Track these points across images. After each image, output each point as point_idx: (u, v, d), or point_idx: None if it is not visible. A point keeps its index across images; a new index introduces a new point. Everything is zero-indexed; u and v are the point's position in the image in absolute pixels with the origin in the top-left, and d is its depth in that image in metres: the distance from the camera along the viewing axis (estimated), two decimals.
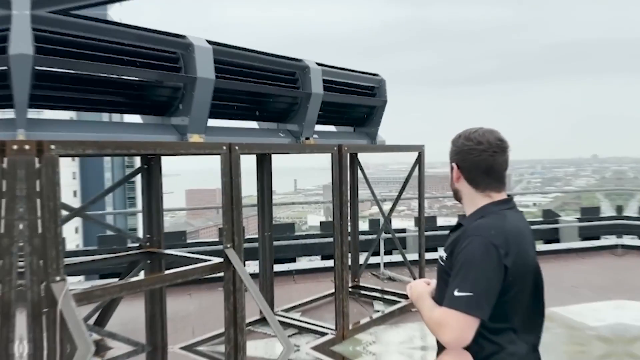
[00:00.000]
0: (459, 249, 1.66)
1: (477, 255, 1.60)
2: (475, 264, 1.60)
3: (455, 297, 1.59)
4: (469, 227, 1.71)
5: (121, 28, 3.26)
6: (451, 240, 1.76)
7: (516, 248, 1.65)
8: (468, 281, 1.58)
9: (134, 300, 5.08)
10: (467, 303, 1.57)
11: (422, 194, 5.70)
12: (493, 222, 1.68)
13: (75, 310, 2.59)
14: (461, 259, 1.63)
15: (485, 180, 1.76)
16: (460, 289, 1.59)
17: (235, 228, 3.52)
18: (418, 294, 1.84)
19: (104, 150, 2.87)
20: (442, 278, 1.75)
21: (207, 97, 3.59)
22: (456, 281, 1.61)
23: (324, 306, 5.67)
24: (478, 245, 1.62)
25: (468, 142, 1.76)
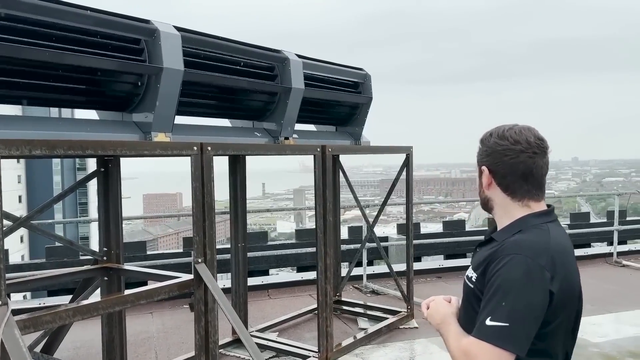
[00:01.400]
0: (494, 269, 1.47)
1: (516, 277, 1.42)
2: (514, 288, 1.41)
3: (487, 326, 1.41)
4: (505, 242, 1.53)
5: (74, 9, 3.01)
6: (482, 258, 1.57)
7: (563, 270, 1.48)
8: (504, 309, 1.40)
9: (88, 320, 4.79)
10: (500, 335, 1.39)
11: (411, 199, 5.58)
12: (536, 239, 1.50)
13: (19, 340, 2.34)
14: (496, 281, 1.45)
15: (522, 187, 1.58)
16: (493, 318, 1.40)
17: (207, 240, 3.29)
18: (442, 317, 1.66)
19: (55, 151, 2.62)
20: (470, 302, 1.58)
21: (174, 90, 3.37)
22: (489, 307, 1.43)
23: (303, 324, 5.47)
24: (518, 265, 1.43)
25: (502, 141, 1.57)
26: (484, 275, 1.53)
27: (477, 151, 1.67)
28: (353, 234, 9.24)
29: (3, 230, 2.63)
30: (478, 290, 1.54)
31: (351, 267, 6.16)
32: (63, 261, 6.93)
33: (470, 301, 1.59)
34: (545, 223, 1.57)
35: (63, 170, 48.49)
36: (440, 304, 1.71)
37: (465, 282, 1.65)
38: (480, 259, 1.59)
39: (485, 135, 1.65)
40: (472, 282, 1.59)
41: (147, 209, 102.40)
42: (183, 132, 3.70)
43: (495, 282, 1.45)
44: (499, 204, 1.64)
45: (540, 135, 1.59)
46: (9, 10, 2.70)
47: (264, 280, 6.79)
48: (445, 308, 1.68)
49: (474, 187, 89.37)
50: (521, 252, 1.46)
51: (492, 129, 1.65)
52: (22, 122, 3.05)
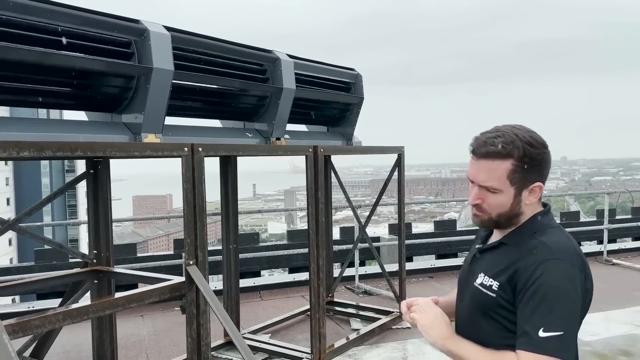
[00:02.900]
0: (532, 277, 1.40)
1: (559, 283, 1.38)
2: (560, 295, 1.37)
3: (542, 338, 1.34)
4: (532, 247, 1.46)
5: (62, 9, 2.97)
6: (503, 265, 1.49)
7: (589, 268, 1.48)
8: (555, 317, 1.35)
9: (78, 323, 4.73)
10: (558, 345, 1.34)
11: (402, 200, 5.58)
12: (561, 240, 1.48)
13: (8, 345, 2.29)
14: (539, 289, 1.38)
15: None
16: (546, 328, 1.34)
17: (198, 242, 3.26)
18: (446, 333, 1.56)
19: (44, 153, 2.57)
20: (491, 312, 1.50)
21: (164, 91, 3.33)
22: (537, 318, 1.37)
23: (295, 326, 5.44)
24: (558, 270, 1.39)
25: (547, 149, 1.50)
26: (510, 282, 1.45)
27: (512, 170, 1.47)
28: (345, 234, 9.23)
29: None
30: (504, 300, 1.47)
31: (343, 268, 6.14)
32: (52, 264, 6.85)
33: (490, 311, 1.51)
34: (552, 221, 1.56)
35: (52, 172, 48.07)
36: (435, 317, 1.60)
37: (477, 291, 1.55)
38: (499, 266, 1.51)
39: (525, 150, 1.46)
40: (492, 290, 1.49)
41: (136, 211, 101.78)
42: (173, 133, 3.66)
43: (539, 290, 1.38)
44: (527, 214, 1.54)
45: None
46: (2, 10, 2.66)
47: (256, 282, 6.75)
48: (443, 323, 1.58)
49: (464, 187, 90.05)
50: (556, 256, 1.42)
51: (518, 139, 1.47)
52: (10, 124, 2.99)
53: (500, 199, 1.50)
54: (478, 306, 1.55)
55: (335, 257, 6.89)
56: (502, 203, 1.51)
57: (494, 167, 1.48)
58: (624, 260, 8.23)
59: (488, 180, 1.50)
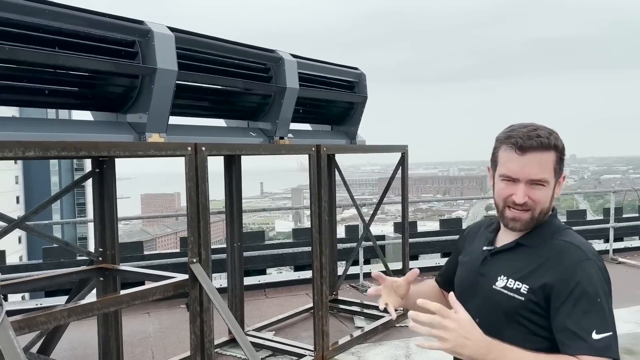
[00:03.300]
0: (572, 280, 1.40)
1: (597, 283, 1.41)
2: (601, 295, 1.40)
3: (597, 340, 1.34)
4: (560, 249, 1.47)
5: (68, 11, 3.02)
6: (532, 267, 1.48)
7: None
8: (604, 318, 1.37)
9: (84, 321, 4.80)
10: (611, 345, 1.35)
11: (406, 198, 5.60)
12: (581, 240, 1.50)
13: (14, 341, 2.34)
14: (586, 292, 1.39)
15: None
16: (598, 330, 1.35)
17: (202, 240, 3.30)
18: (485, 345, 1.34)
19: (49, 152, 2.62)
20: (519, 317, 1.47)
21: (168, 91, 3.37)
22: (588, 320, 1.37)
23: (299, 323, 5.48)
24: (593, 270, 1.42)
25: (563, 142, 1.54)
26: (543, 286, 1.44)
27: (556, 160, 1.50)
28: (350, 232, 9.24)
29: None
30: (533, 303, 1.45)
31: (347, 266, 6.17)
32: (60, 262, 6.92)
33: (517, 315, 1.48)
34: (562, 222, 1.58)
35: (60, 171, 48.41)
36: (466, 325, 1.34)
37: (500, 294, 1.50)
38: (525, 268, 1.49)
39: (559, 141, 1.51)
40: (520, 293, 1.46)
41: (145, 209, 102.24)
42: (178, 133, 3.70)
43: (583, 293, 1.39)
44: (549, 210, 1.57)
45: None
46: (2, 12, 2.71)
47: (261, 280, 6.80)
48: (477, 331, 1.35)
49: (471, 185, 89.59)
50: (589, 256, 1.44)
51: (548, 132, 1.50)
52: (18, 124, 3.05)
53: (546, 192, 1.50)
54: (502, 310, 1.50)
55: (341, 255, 6.92)
56: (547, 197, 1.51)
57: (544, 158, 1.48)
58: (630, 259, 8.20)
59: (540, 173, 1.48)
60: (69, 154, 2.79)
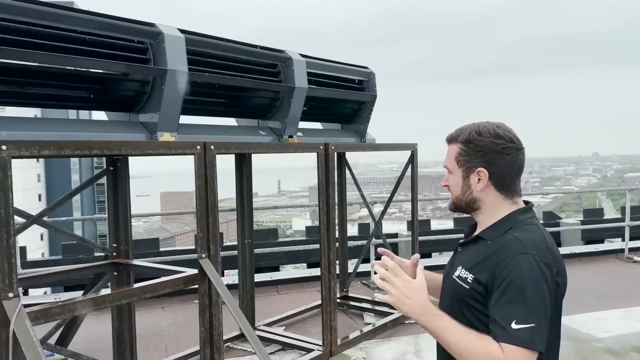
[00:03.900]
0: (503, 271, 1.48)
1: (531, 277, 1.45)
2: (529, 288, 1.44)
3: (515, 330, 1.41)
4: (501, 242, 1.55)
5: (81, 15, 3.15)
6: (478, 259, 1.58)
7: (561, 264, 1.56)
8: (527, 310, 1.43)
9: (101, 314, 4.96)
10: (530, 336, 1.41)
11: (416, 196, 5.65)
12: (533, 236, 1.55)
13: (30, 330, 2.48)
14: (511, 283, 1.46)
15: (515, 184, 1.64)
16: (518, 320, 1.42)
17: (210, 236, 3.42)
18: (423, 308, 1.50)
19: (63, 151, 2.75)
20: (464, 304, 1.58)
21: (178, 91, 3.48)
22: (509, 310, 1.44)
23: (310, 319, 5.58)
24: (529, 265, 1.46)
25: (498, 140, 1.59)
26: (486, 276, 1.52)
27: (459, 152, 1.65)
28: (363, 230, 9.33)
29: (16, 227, 2.78)
30: (476, 292, 1.54)
31: (357, 263, 6.24)
32: (78, 257, 7.14)
33: (462, 303, 1.58)
34: (531, 219, 1.63)
35: (81, 169, 49.20)
36: (411, 287, 1.52)
37: (453, 282, 1.62)
38: (475, 259, 1.59)
39: (469, 135, 1.63)
40: (467, 282, 1.57)
41: (164, 207, 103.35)
42: (189, 132, 3.81)
43: (510, 284, 1.46)
44: (489, 204, 1.64)
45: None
46: (22, 17, 2.84)
47: (273, 276, 6.91)
48: (419, 293, 1.52)
49: None
50: (527, 251, 1.49)
51: (472, 127, 1.64)
52: (35, 124, 3.18)
53: (454, 180, 1.68)
54: (455, 298, 1.62)
55: (353, 252, 7.00)
56: (456, 184, 1.68)
57: (450, 150, 1.69)
58: None
59: (445, 162, 1.71)
60: (82, 153, 2.92)
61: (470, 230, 1.78)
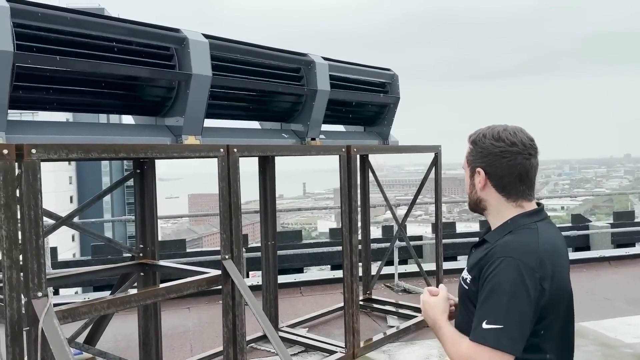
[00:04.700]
0: (486, 272, 1.52)
1: (507, 279, 1.46)
2: (505, 291, 1.46)
3: (483, 329, 1.45)
4: (496, 245, 1.56)
5: (109, 22, 3.23)
6: (476, 260, 1.61)
7: (552, 269, 1.52)
8: (498, 311, 1.45)
9: (128, 314, 5.06)
10: (497, 337, 1.43)
11: (440, 199, 5.60)
12: (525, 240, 1.55)
13: (58, 329, 2.54)
14: (489, 284, 1.49)
15: (518, 187, 1.62)
16: (489, 321, 1.45)
17: (233, 237, 3.45)
18: (433, 321, 1.69)
19: (90, 154, 2.82)
20: (466, 304, 1.63)
21: (203, 95, 3.54)
22: (483, 311, 1.48)
23: (333, 321, 5.58)
24: (509, 268, 1.47)
25: (498, 142, 1.61)
26: (477, 277, 1.57)
27: (468, 151, 1.70)
28: (387, 233, 9.29)
29: (45, 228, 2.86)
30: (472, 293, 1.58)
31: (381, 265, 6.22)
32: (107, 258, 7.29)
33: (465, 303, 1.64)
34: (534, 222, 1.61)
35: (111, 171, 50.20)
36: (431, 305, 1.71)
37: (460, 284, 1.68)
38: (474, 261, 1.62)
39: (477, 136, 1.67)
40: (466, 283, 1.62)
41: (192, 209, 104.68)
42: (213, 135, 3.86)
43: (488, 285, 1.49)
44: (493, 205, 1.66)
45: (531, 136, 1.65)
46: (54, 25, 2.93)
47: (296, 278, 6.93)
48: (435, 310, 1.69)
49: None
50: (510, 254, 1.50)
51: (484, 130, 1.67)
52: (64, 128, 3.26)
53: (466, 178, 1.74)
54: (460, 298, 1.69)
55: (376, 255, 6.98)
56: (466, 183, 1.74)
57: (466, 149, 1.74)
58: None
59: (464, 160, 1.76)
60: (109, 156, 2.99)
61: (484, 233, 1.79)
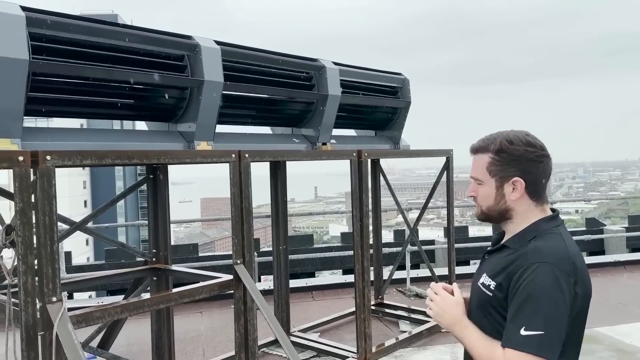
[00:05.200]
0: (520, 279, 1.50)
1: (546, 286, 1.46)
2: (545, 297, 1.46)
3: (523, 336, 1.44)
4: (525, 250, 1.56)
5: (122, 29, 3.26)
6: (501, 266, 1.59)
7: (582, 274, 1.54)
8: (538, 317, 1.45)
9: (141, 318, 5.09)
10: (539, 344, 1.43)
11: (452, 203, 5.58)
12: (555, 245, 1.55)
13: (72, 334, 2.57)
14: (525, 291, 1.48)
15: (544, 192, 1.64)
16: (528, 327, 1.44)
17: (245, 242, 3.46)
18: (453, 319, 1.64)
19: (104, 160, 2.84)
20: (486, 310, 1.61)
21: (215, 101, 3.56)
22: (521, 318, 1.46)
23: (344, 326, 5.57)
24: (545, 273, 1.47)
25: (531, 148, 1.59)
26: (505, 284, 1.55)
27: (490, 162, 1.63)
28: (399, 237, 9.26)
29: (60, 234, 2.89)
30: (497, 299, 1.57)
31: (392, 270, 6.20)
32: (120, 262, 7.34)
33: (486, 309, 1.61)
34: (556, 227, 1.62)
35: (125, 176, 50.65)
36: (448, 303, 1.67)
37: (479, 289, 1.65)
38: (498, 267, 1.60)
39: (500, 144, 1.61)
40: (490, 290, 1.60)
41: (204, 213, 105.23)
42: (225, 140, 3.88)
43: (524, 291, 1.48)
44: (521, 212, 1.63)
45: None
46: (68, 33, 2.97)
47: (308, 282, 6.94)
48: (455, 308, 1.65)
49: None
50: (545, 259, 1.50)
51: (501, 137, 1.63)
52: (79, 134, 3.30)
53: (485, 190, 1.66)
54: (479, 304, 1.64)
55: (388, 259, 6.96)
56: (488, 195, 1.66)
57: (477, 160, 1.68)
58: None
59: (473, 172, 1.69)
60: (122, 162, 3.02)
61: (498, 238, 1.78)
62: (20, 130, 2.77)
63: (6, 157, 2.43)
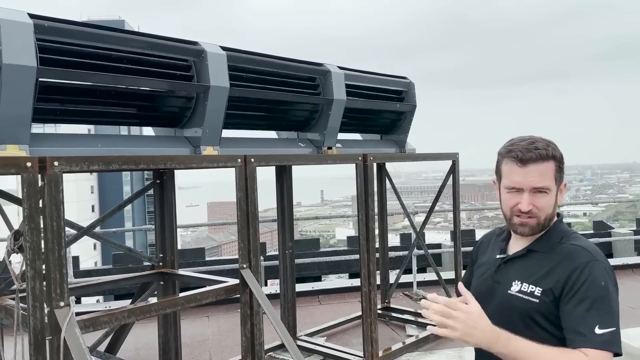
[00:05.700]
0: (580, 280, 1.51)
1: (605, 282, 1.51)
2: (607, 294, 1.50)
3: (599, 335, 1.44)
4: (568, 252, 1.57)
5: (129, 36, 3.29)
6: (544, 271, 1.58)
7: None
8: (608, 314, 1.47)
9: (148, 323, 5.11)
10: (614, 340, 1.45)
11: (458, 206, 5.56)
12: (590, 244, 1.61)
13: (80, 338, 2.58)
14: (590, 290, 1.49)
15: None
16: (602, 325, 1.45)
17: (251, 246, 3.47)
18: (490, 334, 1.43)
19: (111, 166, 2.87)
20: (533, 319, 1.57)
21: (221, 106, 3.58)
22: (592, 317, 1.47)
23: (351, 330, 5.56)
24: (601, 271, 1.52)
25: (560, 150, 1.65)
26: (554, 288, 1.54)
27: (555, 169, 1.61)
28: (405, 240, 9.24)
29: (67, 239, 2.91)
30: (545, 305, 1.55)
31: (399, 274, 6.19)
32: (127, 267, 7.37)
33: (531, 317, 1.57)
34: (572, 228, 1.72)
35: (132, 181, 50.87)
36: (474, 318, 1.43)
37: (514, 298, 1.60)
38: (538, 272, 1.59)
39: (556, 150, 1.61)
40: (535, 296, 1.56)
41: (211, 217, 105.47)
42: (231, 145, 3.90)
43: (589, 291, 1.49)
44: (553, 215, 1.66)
45: None
46: (76, 40, 3.00)
47: (314, 286, 6.93)
48: (482, 321, 1.44)
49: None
50: (596, 257, 1.55)
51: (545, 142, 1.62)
52: (86, 140, 3.34)
53: (549, 199, 1.61)
54: (518, 313, 1.59)
55: (394, 263, 6.95)
56: (550, 203, 1.61)
57: (544, 168, 1.59)
58: None
59: (541, 182, 1.58)
60: (129, 167, 3.04)
61: (504, 245, 1.75)
62: (28, 137, 2.79)
63: (14, 163, 2.45)
